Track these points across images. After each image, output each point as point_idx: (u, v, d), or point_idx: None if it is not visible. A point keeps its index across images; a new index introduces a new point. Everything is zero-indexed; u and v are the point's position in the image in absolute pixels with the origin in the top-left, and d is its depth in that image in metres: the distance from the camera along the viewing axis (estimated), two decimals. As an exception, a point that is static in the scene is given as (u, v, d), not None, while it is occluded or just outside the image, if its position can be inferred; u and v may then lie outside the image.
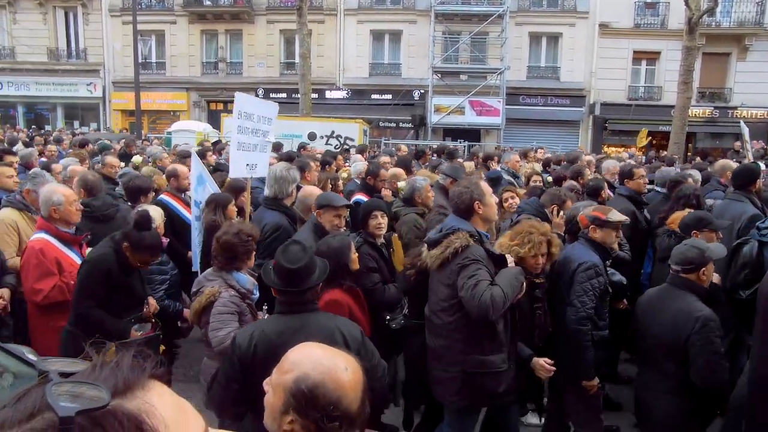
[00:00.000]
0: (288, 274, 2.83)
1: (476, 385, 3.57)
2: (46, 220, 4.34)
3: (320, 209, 4.51)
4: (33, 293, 4.15)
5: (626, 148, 24.69)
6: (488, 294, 3.32)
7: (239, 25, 26.99)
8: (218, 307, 3.55)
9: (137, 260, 3.97)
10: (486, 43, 25.59)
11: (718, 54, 25.10)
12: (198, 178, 5.65)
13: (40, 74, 27.92)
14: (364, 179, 6.88)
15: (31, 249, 4.21)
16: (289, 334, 2.71)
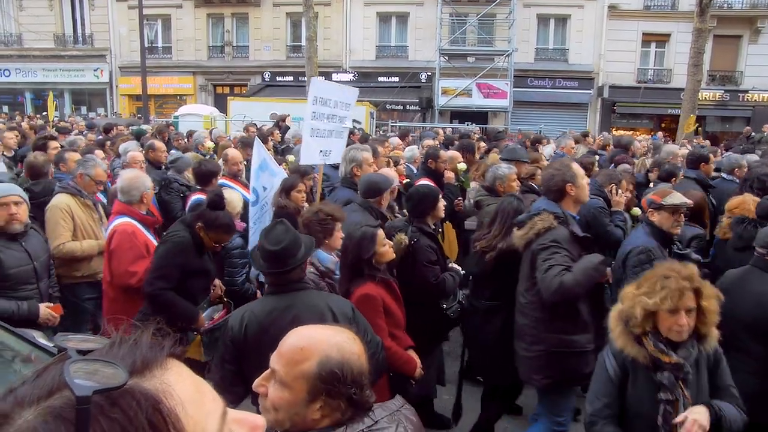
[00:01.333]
0: (271, 255, 2.85)
1: (560, 364, 3.59)
2: (127, 204, 4.40)
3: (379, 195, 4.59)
4: (128, 276, 4.16)
5: (634, 132, 24.57)
6: (558, 279, 3.37)
7: (245, 9, 26.89)
8: None
9: (212, 240, 3.98)
10: (493, 25, 25.36)
11: (730, 36, 24.79)
12: (261, 164, 5.61)
13: (47, 60, 27.98)
14: (425, 164, 6.66)
15: (123, 232, 4.24)
16: (277, 313, 2.77)
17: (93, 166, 5.13)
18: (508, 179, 5.44)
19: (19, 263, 4.00)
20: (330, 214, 3.74)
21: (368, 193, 4.62)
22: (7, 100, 29.27)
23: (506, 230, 4.04)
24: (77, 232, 4.83)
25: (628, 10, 24.85)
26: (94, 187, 5.13)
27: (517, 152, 6.46)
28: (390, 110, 25.15)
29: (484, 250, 4.11)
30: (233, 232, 4.21)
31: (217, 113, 20.37)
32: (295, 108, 18.70)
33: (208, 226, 3.95)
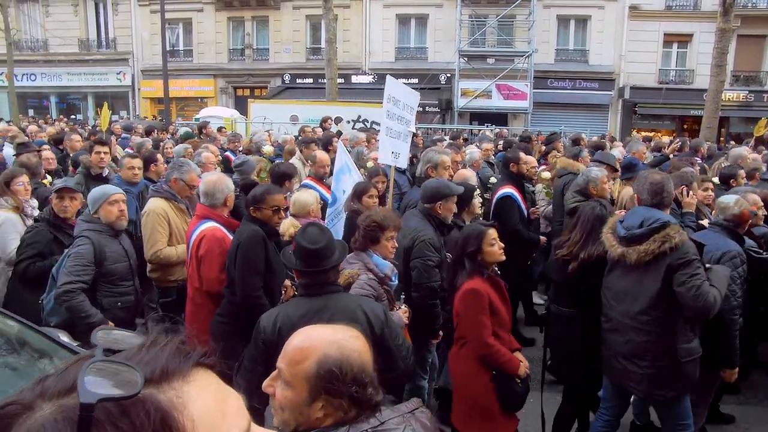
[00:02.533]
0: (310, 253, 2.85)
1: (685, 373, 3.59)
2: (212, 208, 4.35)
3: (441, 200, 4.44)
4: (219, 283, 4.11)
5: (656, 134, 24.30)
6: (711, 297, 3.38)
7: (265, 12, 27.11)
8: (355, 288, 3.57)
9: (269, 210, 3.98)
10: (513, 26, 25.27)
11: (754, 36, 24.40)
12: (342, 167, 5.61)
13: (72, 65, 28.49)
14: (507, 168, 6.46)
15: (213, 237, 4.21)
16: (312, 315, 2.74)
17: (187, 171, 5.13)
18: (600, 182, 5.47)
19: (120, 259, 4.12)
20: (377, 222, 3.72)
21: (427, 198, 4.52)
22: (33, 104, 29.88)
23: (586, 237, 4.00)
24: (172, 237, 4.89)
25: (649, 10, 24.62)
26: (188, 191, 5.12)
27: (608, 156, 6.55)
28: (409, 112, 25.17)
29: (565, 258, 4.05)
30: (277, 191, 4.22)
31: (238, 115, 20.55)
32: (315, 110, 18.85)
33: (256, 202, 3.99)
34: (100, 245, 4.00)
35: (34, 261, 4.31)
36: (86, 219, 4.16)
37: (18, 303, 4.35)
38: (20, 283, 4.38)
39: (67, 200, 4.46)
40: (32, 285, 4.31)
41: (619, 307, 3.71)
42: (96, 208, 4.12)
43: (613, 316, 3.75)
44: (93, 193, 4.21)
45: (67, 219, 4.47)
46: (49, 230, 4.42)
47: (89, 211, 4.17)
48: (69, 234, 4.40)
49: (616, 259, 3.67)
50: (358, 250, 3.75)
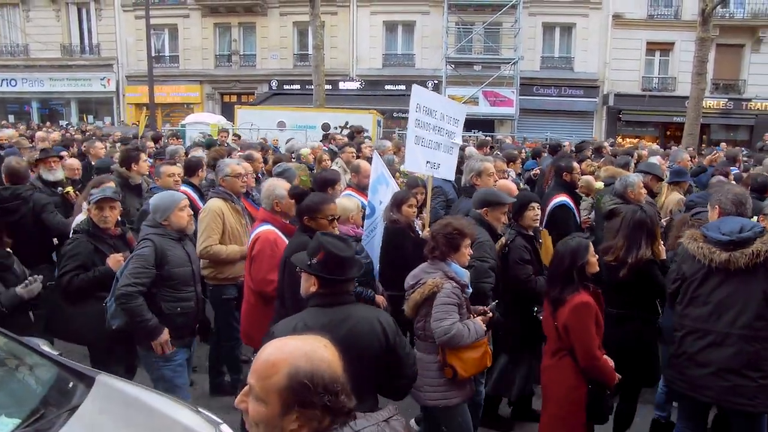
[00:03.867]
0: (340, 262, 2.79)
1: None
2: (270, 212, 4.51)
3: (487, 207, 4.49)
4: (266, 283, 4.20)
5: (639, 140, 24.66)
6: None
7: (252, 18, 27.10)
8: (442, 297, 3.56)
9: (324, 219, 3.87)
10: (499, 33, 25.55)
11: (732, 45, 24.98)
12: (378, 178, 5.58)
13: (54, 70, 28.17)
14: (560, 177, 6.50)
15: (266, 240, 4.31)
16: (334, 325, 2.69)
17: (225, 165, 5.37)
18: (637, 187, 5.64)
19: (182, 263, 4.06)
20: (458, 230, 3.71)
21: (477, 204, 4.62)
22: (13, 109, 29.46)
23: (630, 242, 4.06)
24: (225, 236, 5.02)
25: (632, 19, 25.06)
26: (239, 182, 5.34)
27: (654, 167, 6.75)
28: (397, 118, 25.25)
29: (612, 264, 4.09)
30: (332, 200, 4.14)
31: (225, 122, 20.46)
32: (302, 116, 18.87)
33: (311, 211, 3.90)
34: (162, 248, 3.95)
35: (77, 273, 4.20)
36: (150, 224, 4.09)
37: (61, 318, 4.28)
38: (63, 297, 4.26)
39: (107, 210, 4.37)
40: (75, 298, 4.22)
41: (723, 318, 3.54)
42: (167, 215, 4.05)
43: (717, 329, 3.56)
44: (161, 200, 4.14)
45: (107, 229, 4.39)
46: (90, 241, 4.32)
47: (155, 218, 4.08)
48: (109, 244, 4.36)
49: (714, 267, 3.55)
50: (436, 259, 3.73)
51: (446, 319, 3.51)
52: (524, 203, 4.58)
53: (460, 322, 3.55)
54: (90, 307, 4.17)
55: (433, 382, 3.67)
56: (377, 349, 2.77)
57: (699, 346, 3.61)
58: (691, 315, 3.67)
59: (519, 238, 4.44)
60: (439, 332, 3.52)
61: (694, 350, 3.64)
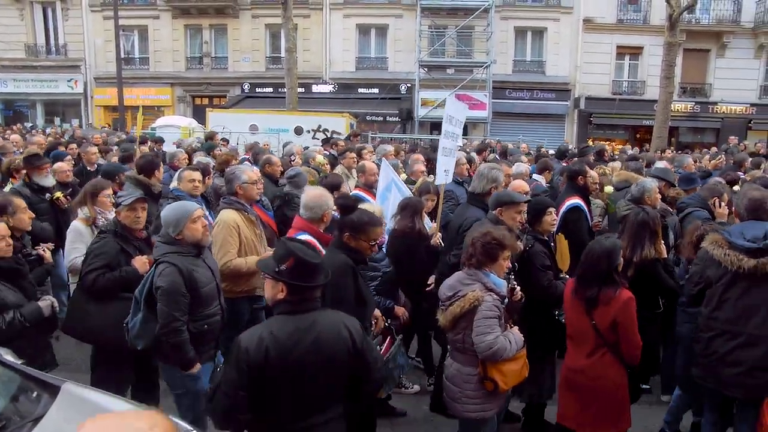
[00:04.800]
0: (308, 269, 2.74)
1: None
2: (309, 222, 4.34)
3: (501, 207, 4.53)
4: None
5: (610, 143, 25.04)
6: None
7: (224, 20, 26.78)
8: (484, 311, 3.53)
9: (367, 242, 3.71)
10: (472, 37, 25.70)
11: (699, 50, 25.52)
12: (388, 185, 5.52)
13: (18, 71, 27.45)
14: (574, 180, 6.51)
15: None
16: (300, 333, 2.68)
17: (242, 172, 5.19)
18: (654, 192, 5.70)
19: (208, 281, 3.90)
20: (498, 240, 3.67)
21: (492, 205, 4.67)
22: (-25, 111, 28.66)
23: (633, 242, 4.28)
24: (241, 248, 4.86)
25: (602, 23, 25.42)
26: (255, 189, 5.20)
27: (667, 172, 6.89)
28: (370, 121, 25.21)
29: None
30: (380, 223, 3.94)
31: (196, 124, 20.20)
32: (275, 119, 18.69)
33: (356, 230, 3.70)
34: (189, 271, 3.74)
35: (102, 272, 4.12)
36: (165, 240, 3.88)
37: (81, 314, 4.17)
38: (87, 294, 4.17)
39: (139, 210, 4.30)
40: (98, 296, 4.13)
41: (752, 320, 3.74)
42: (180, 228, 3.84)
43: (747, 331, 3.75)
44: (172, 212, 3.91)
45: (135, 230, 4.32)
46: (116, 241, 4.22)
47: (168, 232, 3.88)
48: (135, 246, 4.28)
49: (741, 272, 3.71)
50: (472, 267, 3.69)
51: (490, 334, 3.52)
52: (541, 208, 4.62)
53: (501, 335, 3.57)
54: (111, 307, 4.09)
55: (472, 395, 3.68)
56: (345, 354, 2.76)
57: (729, 346, 3.81)
58: (721, 318, 3.85)
59: (538, 243, 4.47)
60: (483, 347, 3.52)
61: (724, 351, 3.83)
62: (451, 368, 3.79)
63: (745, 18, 24.89)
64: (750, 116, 25.55)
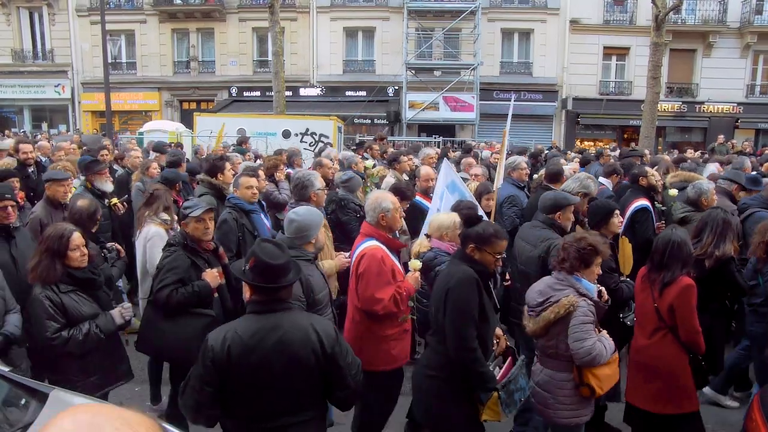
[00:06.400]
0: (268, 269, 2.75)
1: None
2: (375, 227, 4.28)
3: (560, 210, 4.65)
4: (374, 302, 4.00)
5: (597, 143, 25.14)
6: None
7: (211, 24, 26.72)
8: (580, 317, 3.55)
9: (492, 255, 3.59)
10: (459, 39, 25.76)
11: (685, 50, 25.65)
12: (449, 185, 5.48)
13: (5, 76, 27.28)
14: (637, 182, 6.68)
15: (373, 257, 4.08)
16: (263, 333, 2.70)
17: (315, 179, 5.37)
18: (711, 194, 5.86)
19: (322, 287, 3.84)
20: (593, 246, 3.67)
21: (547, 209, 4.68)
22: (-39, 117, 28.49)
23: (718, 238, 4.50)
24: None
25: (588, 24, 25.52)
26: (324, 197, 5.44)
27: (739, 175, 6.97)
28: (358, 124, 25.23)
29: (700, 257, 4.43)
30: (506, 237, 3.79)
31: (183, 129, 20.11)
32: (262, 123, 18.64)
33: (481, 242, 3.55)
34: (305, 277, 3.68)
35: (176, 288, 4.05)
36: (289, 246, 3.75)
37: (154, 332, 4.11)
38: (160, 311, 4.10)
39: (208, 222, 4.24)
40: (171, 313, 4.06)
41: None
42: (316, 234, 3.82)
43: None
44: (309, 217, 3.85)
45: (202, 242, 4.25)
46: (186, 255, 4.15)
47: (300, 237, 3.81)
48: (204, 258, 4.22)
49: None
50: (564, 271, 3.69)
51: (587, 339, 3.52)
52: (609, 211, 4.72)
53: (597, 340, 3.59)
54: (183, 323, 4.04)
55: (566, 401, 3.67)
56: (312, 357, 2.73)
57: None
58: None
59: None
60: (582, 353, 3.52)
61: None
62: (542, 374, 3.80)
63: (731, 18, 25.04)
64: (737, 115, 25.70)
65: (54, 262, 3.77)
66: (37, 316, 3.69)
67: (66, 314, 3.74)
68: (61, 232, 3.86)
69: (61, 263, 3.80)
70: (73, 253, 3.83)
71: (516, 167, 7.08)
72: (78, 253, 3.87)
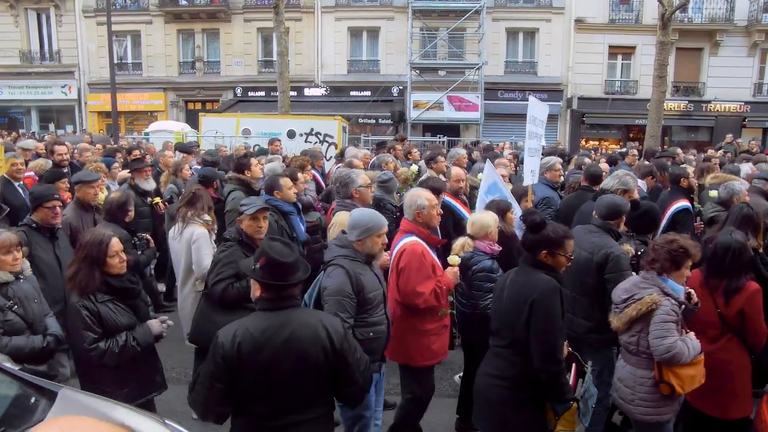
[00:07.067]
0: (278, 267, 2.79)
1: None
2: (414, 224, 4.39)
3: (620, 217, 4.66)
4: (415, 296, 4.10)
5: (602, 143, 25.04)
6: None
7: (216, 24, 26.81)
8: (662, 315, 3.57)
9: (565, 257, 3.55)
10: (463, 38, 25.71)
11: (691, 49, 25.49)
12: (490, 186, 5.49)
13: (13, 77, 27.49)
14: (677, 183, 6.74)
15: (413, 252, 4.19)
16: (273, 330, 2.73)
17: (357, 176, 5.44)
18: (743, 195, 5.85)
19: (375, 287, 3.85)
20: (684, 249, 3.68)
21: (609, 215, 4.62)
22: (-29, 118, 28.72)
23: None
24: None
25: (594, 23, 25.41)
26: (369, 193, 5.48)
27: None
28: (362, 124, 25.24)
29: None
30: (570, 235, 3.68)
31: (189, 129, 20.22)
32: (267, 123, 18.68)
33: (552, 245, 3.48)
34: (356, 274, 3.70)
35: (232, 282, 4.14)
36: (340, 243, 3.88)
37: (208, 325, 4.12)
38: (215, 305, 4.18)
39: (261, 220, 4.35)
40: (226, 306, 4.12)
41: None
42: (366, 236, 3.82)
43: None
44: (367, 218, 3.88)
45: (256, 239, 4.32)
46: (242, 251, 4.23)
47: (350, 235, 3.85)
48: None
49: None
50: (653, 272, 3.73)
51: (668, 337, 3.55)
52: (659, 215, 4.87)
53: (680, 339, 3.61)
54: (238, 316, 4.05)
55: (646, 397, 3.71)
56: (321, 354, 2.78)
57: None
58: None
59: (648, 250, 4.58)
60: (661, 350, 3.56)
61: None
62: (624, 370, 3.86)
63: (738, 16, 24.86)
64: (744, 114, 25.51)
65: (93, 271, 3.71)
66: (74, 326, 3.66)
67: (102, 324, 3.67)
68: (100, 238, 3.79)
69: (100, 271, 3.74)
70: (112, 260, 3.77)
71: (550, 168, 6.94)
72: (117, 260, 3.81)
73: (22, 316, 3.77)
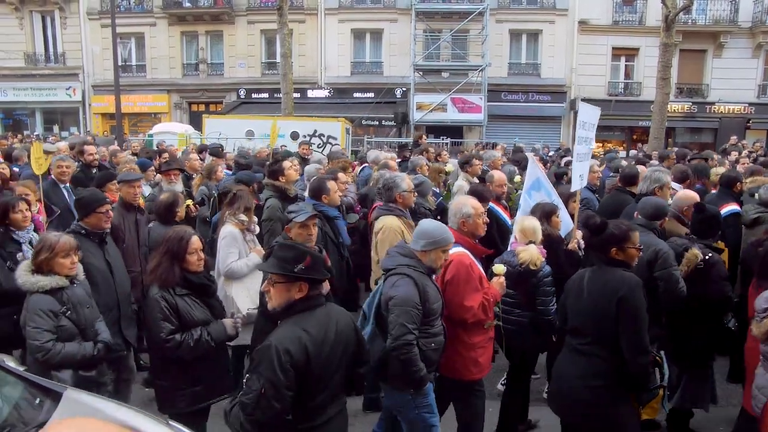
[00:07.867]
0: (320, 263, 2.93)
1: None
2: (457, 232, 4.17)
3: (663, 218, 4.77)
4: (464, 310, 3.96)
5: (605, 144, 24.99)
6: None
7: (219, 26, 26.88)
8: None
9: (635, 248, 3.69)
10: (467, 40, 25.72)
11: (695, 51, 25.46)
12: (533, 183, 5.49)
13: (18, 80, 27.58)
14: (730, 188, 6.61)
15: (461, 263, 4.04)
16: (325, 326, 2.86)
17: (401, 180, 5.40)
18: None
19: (437, 298, 3.80)
20: None
21: (653, 215, 4.70)
22: (-25, 120, 28.82)
23: None
24: None
25: (597, 25, 25.39)
26: (412, 197, 5.47)
27: None
28: (366, 126, 25.27)
29: None
30: (635, 228, 3.81)
31: (192, 131, 20.24)
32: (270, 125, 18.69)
33: (621, 241, 3.60)
34: (423, 285, 3.65)
35: None
36: (403, 252, 3.81)
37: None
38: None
39: (311, 228, 4.31)
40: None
41: None
42: (433, 248, 3.74)
43: None
44: (439, 231, 3.79)
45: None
46: None
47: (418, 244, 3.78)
48: None
49: None
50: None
51: None
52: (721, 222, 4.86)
53: None
54: None
55: None
56: (355, 340, 3.02)
57: None
58: None
59: (715, 254, 4.57)
60: None
61: None
62: (763, 378, 3.79)
63: (742, 18, 24.82)
64: (748, 116, 25.47)
65: (173, 265, 3.81)
66: (153, 317, 3.72)
67: (179, 317, 3.75)
68: (181, 234, 3.90)
69: (179, 266, 3.83)
70: (191, 256, 3.86)
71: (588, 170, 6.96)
72: (195, 257, 3.89)
73: (75, 322, 3.80)
